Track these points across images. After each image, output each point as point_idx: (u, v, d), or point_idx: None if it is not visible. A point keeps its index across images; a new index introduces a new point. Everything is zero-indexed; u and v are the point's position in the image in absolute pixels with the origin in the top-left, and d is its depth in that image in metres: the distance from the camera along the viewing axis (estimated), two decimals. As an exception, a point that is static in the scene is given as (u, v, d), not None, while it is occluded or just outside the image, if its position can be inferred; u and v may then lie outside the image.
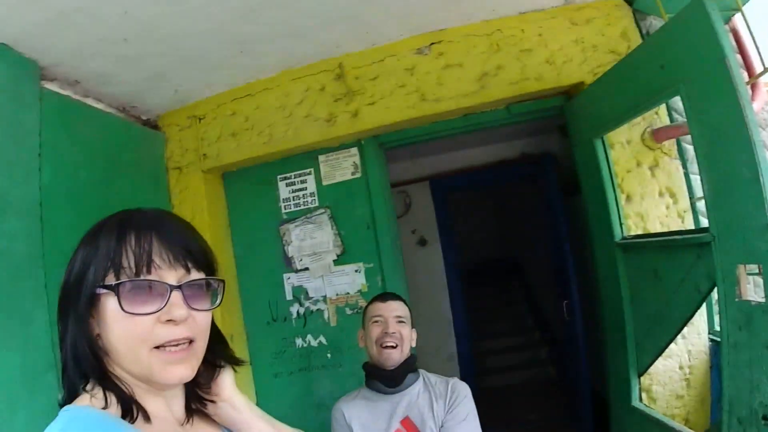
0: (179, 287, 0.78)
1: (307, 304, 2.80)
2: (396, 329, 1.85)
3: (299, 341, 2.81)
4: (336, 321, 2.75)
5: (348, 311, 2.74)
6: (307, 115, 2.69)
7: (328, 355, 2.76)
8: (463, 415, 1.79)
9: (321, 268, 2.77)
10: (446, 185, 5.03)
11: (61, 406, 0.77)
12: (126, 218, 0.80)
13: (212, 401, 0.92)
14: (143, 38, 2.14)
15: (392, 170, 4.28)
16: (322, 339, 2.77)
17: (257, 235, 2.91)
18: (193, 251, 0.81)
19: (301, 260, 2.81)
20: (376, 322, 1.87)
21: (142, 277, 0.76)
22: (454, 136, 2.87)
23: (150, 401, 0.80)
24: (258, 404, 2.87)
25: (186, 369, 0.79)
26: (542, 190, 4.52)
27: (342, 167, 2.79)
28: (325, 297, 2.77)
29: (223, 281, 0.86)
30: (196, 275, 0.81)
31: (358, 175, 2.77)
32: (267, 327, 2.86)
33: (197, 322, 0.80)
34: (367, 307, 1.96)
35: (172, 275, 0.78)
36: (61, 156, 2.20)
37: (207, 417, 0.93)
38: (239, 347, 2.84)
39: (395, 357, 1.84)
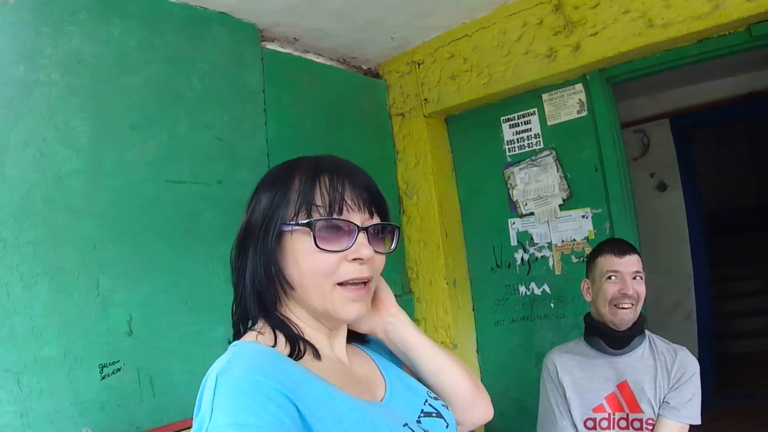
0: (365, 229, 0.84)
1: (531, 250, 2.70)
2: (634, 289, 1.67)
3: (522, 289, 2.73)
4: (561, 269, 2.61)
5: (574, 259, 2.57)
6: (526, 52, 2.54)
7: (552, 305, 2.64)
8: (689, 395, 1.60)
9: (546, 213, 2.64)
10: (689, 123, 4.51)
11: (230, 342, 0.85)
12: (318, 161, 0.87)
13: (363, 335, 1.00)
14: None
15: (627, 107, 3.91)
16: (546, 288, 2.66)
17: (481, 178, 2.88)
18: (376, 198, 0.87)
19: (526, 204, 2.70)
20: (611, 278, 1.69)
21: (335, 216, 0.81)
22: (690, 66, 2.50)
23: (314, 340, 0.86)
24: (478, 351, 2.91)
25: (362, 306, 0.85)
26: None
27: (567, 105, 2.59)
28: (550, 243, 2.64)
29: (398, 227, 0.92)
30: (377, 220, 0.87)
31: (584, 113, 2.55)
32: (490, 273, 2.84)
33: (375, 264, 0.86)
34: (596, 257, 1.78)
35: (358, 218, 0.84)
36: (285, 110, 2.39)
37: (361, 353, 0.98)
38: (462, 293, 2.87)
39: (629, 318, 1.67)
